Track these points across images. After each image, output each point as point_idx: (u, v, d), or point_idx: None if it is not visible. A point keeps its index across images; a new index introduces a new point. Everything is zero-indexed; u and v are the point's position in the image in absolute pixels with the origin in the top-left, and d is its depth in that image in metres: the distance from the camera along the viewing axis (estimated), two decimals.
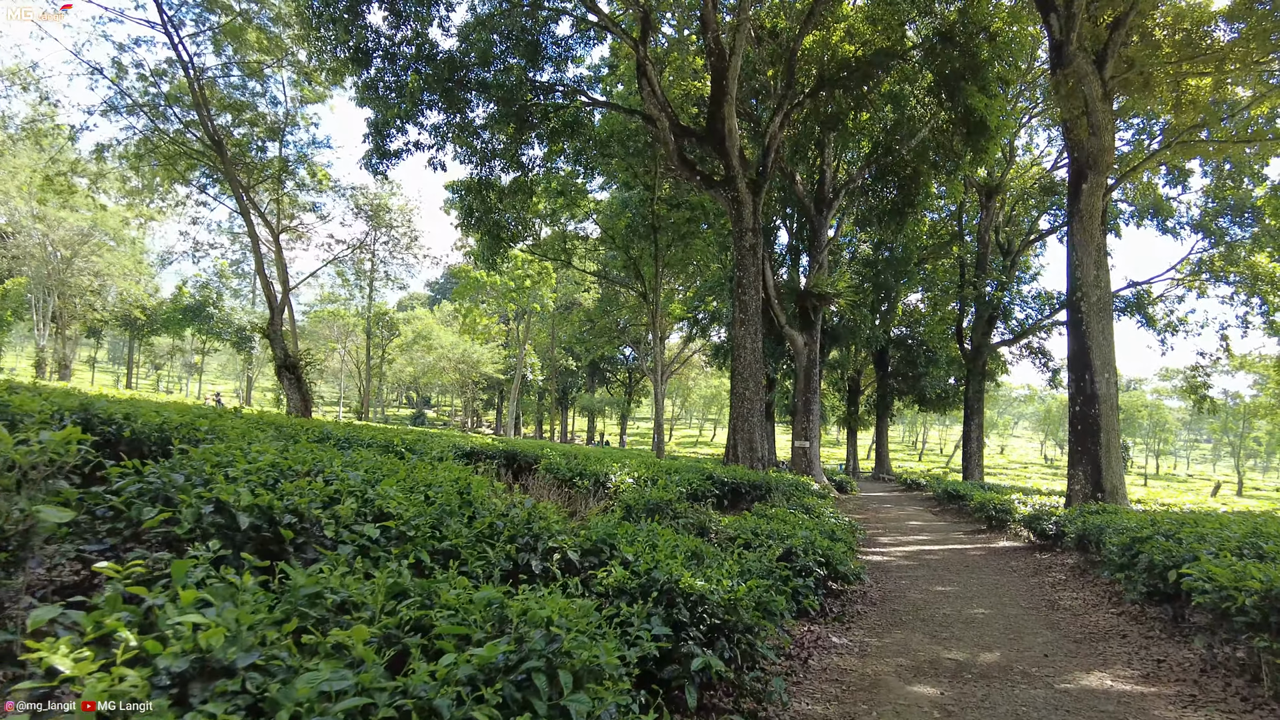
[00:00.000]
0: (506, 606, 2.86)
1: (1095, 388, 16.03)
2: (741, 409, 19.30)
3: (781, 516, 8.91)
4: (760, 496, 14.80)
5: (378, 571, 3.04)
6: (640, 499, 8.08)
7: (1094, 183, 16.14)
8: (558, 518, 5.12)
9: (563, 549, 4.68)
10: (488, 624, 2.81)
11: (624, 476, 9.67)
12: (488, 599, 2.85)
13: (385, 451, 8.03)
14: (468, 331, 57.59)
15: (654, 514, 8.12)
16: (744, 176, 19.38)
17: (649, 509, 8.05)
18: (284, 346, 20.32)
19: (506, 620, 2.89)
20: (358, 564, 3.14)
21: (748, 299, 19.39)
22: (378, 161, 20.52)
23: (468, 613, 2.83)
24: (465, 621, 2.78)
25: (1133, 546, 8.75)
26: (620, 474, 9.89)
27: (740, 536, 7.38)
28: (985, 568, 12.21)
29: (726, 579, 4.95)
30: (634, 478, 9.85)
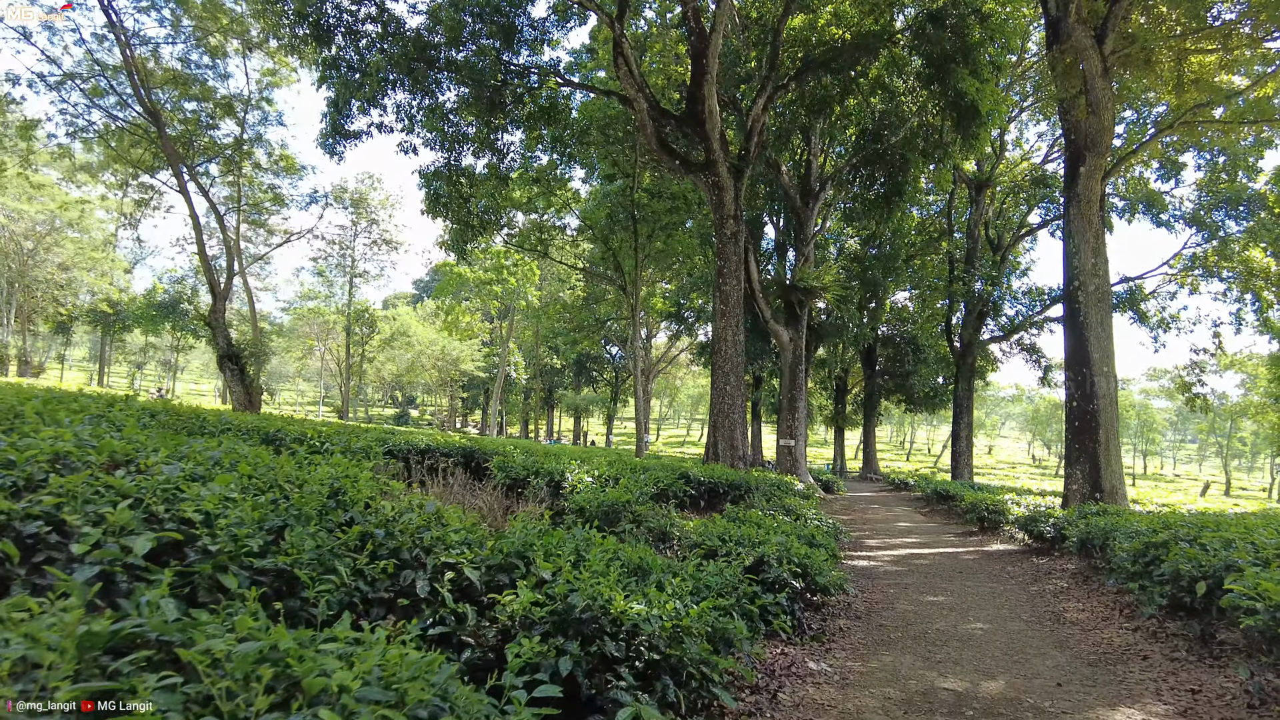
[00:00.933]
0: (285, 662, 1.86)
1: (1094, 382, 15.17)
2: (722, 405, 18.34)
3: (756, 519, 7.95)
4: (739, 497, 13.84)
5: (129, 602, 2.06)
6: (594, 501, 7.10)
7: (1092, 165, 15.28)
8: (463, 525, 4.11)
9: (460, 566, 3.67)
10: (251, 690, 1.80)
11: (582, 475, 8.69)
12: (251, 651, 1.84)
13: (269, 443, 6.98)
14: (450, 328, 56.37)
15: (610, 518, 7.13)
16: (725, 160, 18.41)
17: (604, 512, 7.06)
18: (226, 335, 19.20)
19: (294, 684, 1.89)
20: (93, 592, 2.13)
21: (729, 289, 18.43)
22: (335, 142, 19.42)
23: (232, 672, 1.83)
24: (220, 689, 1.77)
25: (1147, 552, 7.83)
26: (578, 473, 8.90)
27: (705, 543, 6.40)
28: (980, 574, 11.29)
29: (675, 600, 3.97)
30: (594, 476, 8.87)
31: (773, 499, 12.96)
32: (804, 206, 27.58)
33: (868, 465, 46.16)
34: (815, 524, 11.70)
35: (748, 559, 6.27)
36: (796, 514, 11.81)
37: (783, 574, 6.15)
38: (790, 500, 12.54)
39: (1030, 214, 36.75)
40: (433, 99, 20.74)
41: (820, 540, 7.96)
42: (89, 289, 50.99)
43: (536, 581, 3.75)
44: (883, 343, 43.08)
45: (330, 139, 19.55)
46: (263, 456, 4.51)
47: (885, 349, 43.19)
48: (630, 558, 4.56)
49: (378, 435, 11.15)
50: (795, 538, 7.36)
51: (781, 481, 16.69)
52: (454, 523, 4.06)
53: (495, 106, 20.77)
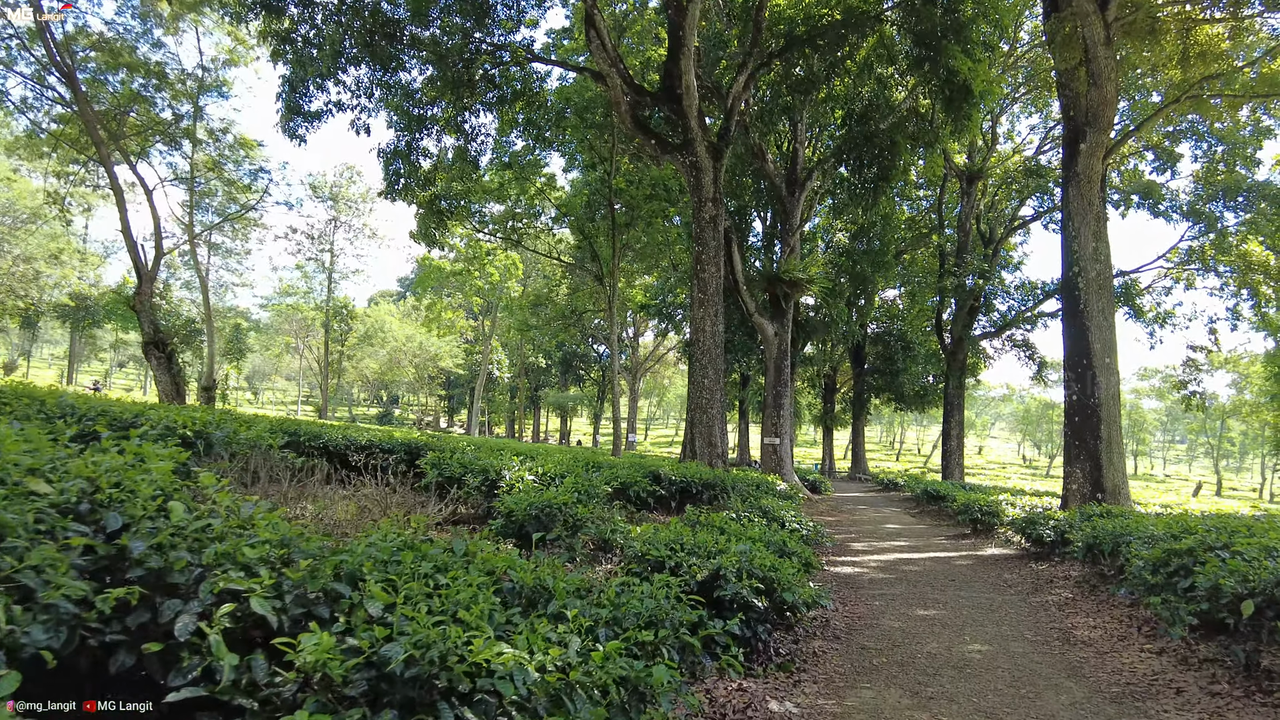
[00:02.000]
0: None
1: (1095, 375, 14.16)
2: (700, 399, 17.24)
3: (720, 524, 6.86)
4: (714, 498, 12.76)
5: None
6: (523, 503, 5.98)
7: (1093, 142, 14.26)
8: (275, 534, 2.98)
9: (248, 595, 2.55)
10: None
11: (522, 474, 7.57)
12: None
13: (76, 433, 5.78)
14: (431, 324, 55.06)
15: (542, 523, 6.02)
16: (703, 140, 17.31)
17: (534, 516, 5.95)
18: (152, 321, 17.90)
19: None
20: None
21: (707, 277, 17.33)
22: (295, 123, 18.24)
23: None
24: None
25: (1169, 561, 6.78)
26: (519, 470, 7.79)
27: (651, 554, 5.29)
28: (975, 582, 10.23)
29: (574, 639, 2.87)
30: (536, 475, 7.76)
31: (749, 500, 11.88)
32: (790, 196, 26.54)
33: (856, 465, 45.21)
34: (794, 526, 10.63)
35: (700, 573, 5.17)
36: (773, 516, 10.73)
37: (741, 591, 5.05)
38: (768, 501, 11.45)
39: (1023, 206, 35.86)
40: (394, 76, 19.59)
41: (793, 548, 6.87)
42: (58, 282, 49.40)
43: (365, 617, 2.64)
44: (872, 340, 42.16)
45: (289, 120, 18.37)
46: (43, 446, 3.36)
47: (874, 346, 42.26)
48: (524, 580, 3.44)
49: (276, 426, 9.99)
50: (762, 545, 6.26)
51: (762, 481, 15.62)
52: (263, 532, 2.93)
53: (462, 86, 19.64)
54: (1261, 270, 28.42)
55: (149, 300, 18.44)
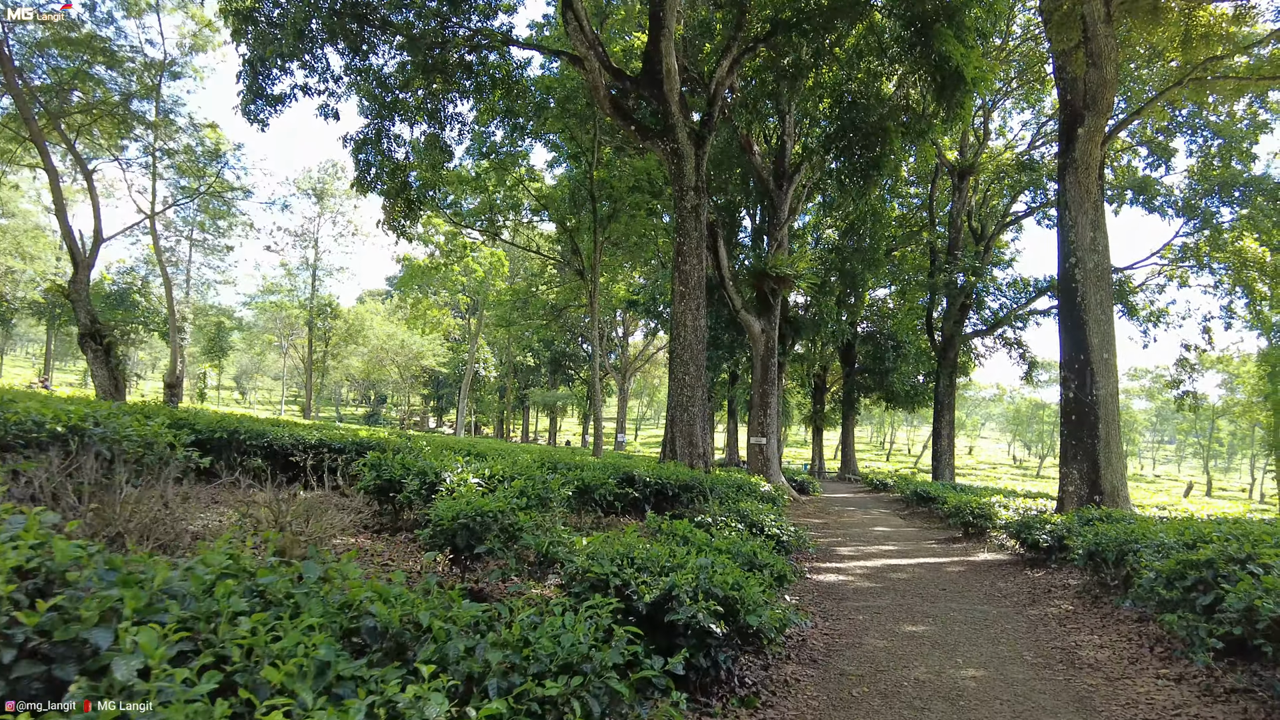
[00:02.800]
0: None
1: (1093, 371, 13.47)
2: (680, 397, 16.47)
3: (684, 531, 6.09)
4: (691, 501, 12.00)
5: None
6: (450, 513, 5.19)
7: (1092, 126, 13.57)
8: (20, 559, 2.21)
9: None
10: None
11: (465, 475, 6.79)
12: None
13: None
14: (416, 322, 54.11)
15: (475, 534, 5.24)
16: (685, 126, 16.55)
17: (464, 526, 5.17)
18: (89, 311, 16.92)
19: None
20: None
21: (689, 269, 16.57)
22: (258, 107, 17.37)
23: None
24: None
25: (1186, 575, 6.06)
26: (462, 471, 7.00)
27: (594, 570, 4.51)
28: (968, 592, 9.50)
29: (431, 702, 2.10)
30: (482, 477, 6.97)
31: (728, 503, 11.12)
32: (777, 190, 25.83)
33: (846, 465, 44.55)
34: (773, 532, 9.89)
35: (649, 593, 4.40)
36: (751, 521, 9.99)
37: (697, 615, 4.28)
38: (746, 505, 10.70)
39: (1015, 202, 35.22)
40: (365, 61, 18.76)
41: (764, 559, 6.10)
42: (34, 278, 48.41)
43: (110, 687, 1.86)
44: (862, 339, 41.51)
45: (250, 103, 17.49)
46: None
47: (864, 345, 41.61)
48: (387, 618, 2.65)
49: (185, 420, 9.17)
50: (727, 557, 5.49)
51: (745, 482, 14.86)
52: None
53: (436, 72, 18.83)
54: (1257, 267, 27.87)
55: (85, 289, 17.47)
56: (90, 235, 19.35)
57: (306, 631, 2.31)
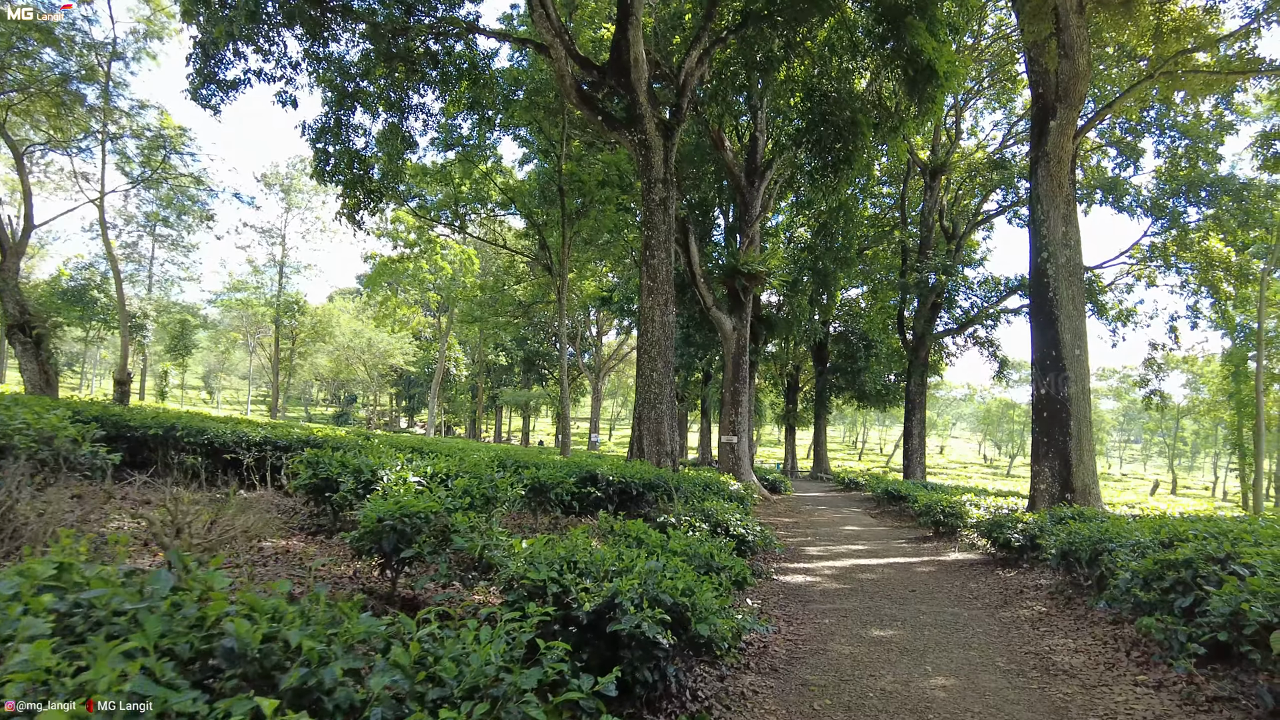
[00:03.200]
0: None
1: (1064, 366, 13.29)
2: (648, 394, 16.06)
3: (639, 532, 5.68)
4: (657, 500, 11.59)
5: None
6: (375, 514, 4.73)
7: (1064, 119, 13.39)
8: None
9: None
10: None
11: (404, 473, 6.30)
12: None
13: None
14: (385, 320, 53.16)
15: (403, 537, 4.78)
16: (653, 116, 16.14)
17: (390, 529, 4.71)
18: (18, 300, 16.06)
19: None
20: None
21: (657, 263, 16.16)
22: (210, 92, 16.68)
23: None
24: None
25: (1164, 575, 5.77)
26: (401, 469, 6.51)
27: (529, 576, 4.08)
28: (938, 593, 9.20)
29: None
30: (425, 474, 6.48)
31: (694, 502, 10.73)
32: (749, 187, 25.55)
33: (818, 465, 44.47)
34: (738, 532, 9.52)
35: (589, 601, 3.98)
36: (716, 521, 9.61)
37: (641, 624, 3.87)
38: (712, 504, 10.32)
39: (986, 201, 35.30)
40: (325, 48, 18.12)
41: (722, 561, 5.70)
42: None
43: None
44: (834, 339, 41.47)
45: (201, 87, 16.78)
46: None
47: (837, 345, 41.57)
48: (247, 637, 2.20)
49: (103, 414, 8.58)
50: (682, 560, 5.09)
51: (713, 481, 14.50)
52: None
53: (398, 59, 18.25)
54: (1222, 266, 28.12)
55: (14, 277, 16.60)
56: (21, 221, 18.42)
57: (127, 656, 1.86)
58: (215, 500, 8.28)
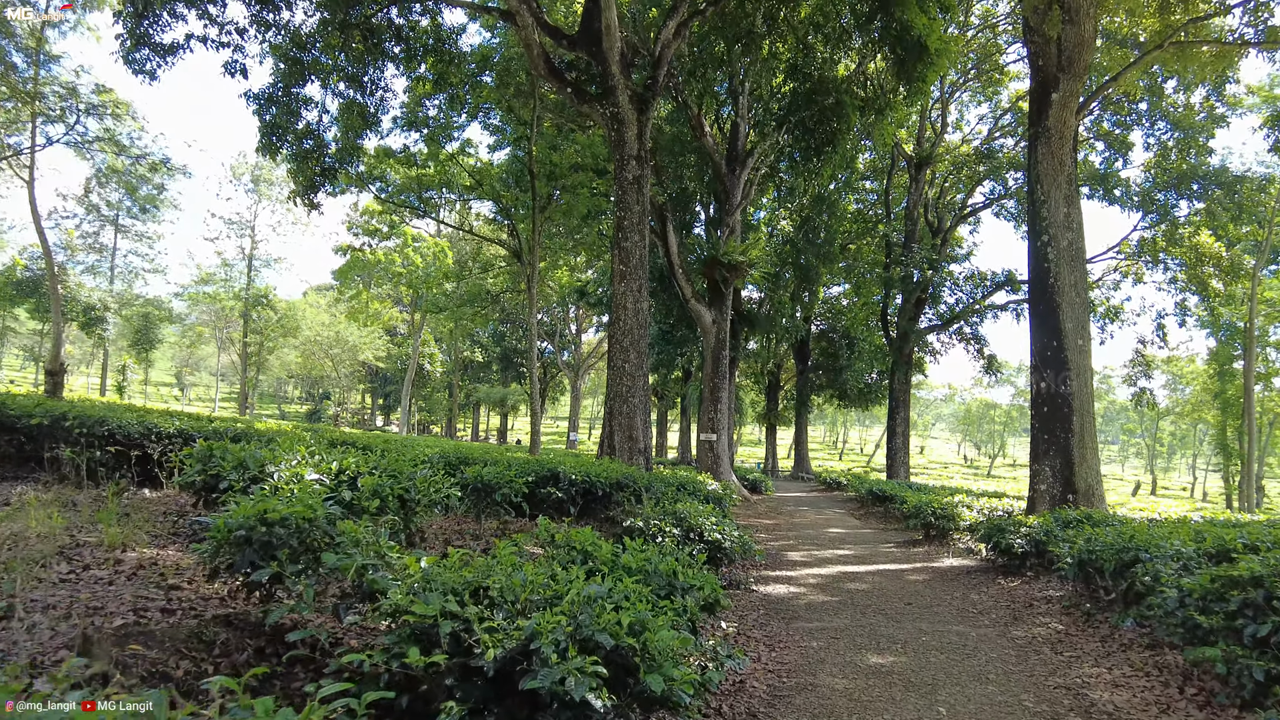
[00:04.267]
0: None
1: (1066, 358, 12.32)
2: (620, 387, 14.93)
3: (585, 543, 4.56)
4: (626, 501, 10.47)
5: None
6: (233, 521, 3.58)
7: (1067, 90, 12.44)
8: None
9: None
10: None
11: (301, 470, 5.11)
12: None
13: None
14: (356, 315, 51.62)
15: (264, 550, 3.62)
16: (626, 89, 15.01)
17: (248, 540, 3.56)
18: None
19: None
20: None
21: (630, 246, 15.03)
22: (143, 56, 15.31)
23: None
24: None
25: (1226, 596, 4.73)
26: (299, 465, 5.33)
27: (416, 612, 2.94)
28: (938, 606, 8.16)
29: None
30: (327, 473, 5.30)
31: (665, 503, 9.62)
32: (730, 174, 24.50)
33: (799, 464, 43.58)
34: (714, 536, 8.44)
35: (495, 646, 2.85)
36: (690, 525, 8.52)
37: (567, 678, 2.76)
38: (685, 506, 9.22)
39: (973, 194, 34.49)
40: (276, 15, 16.82)
41: (689, 579, 4.58)
42: None
43: None
44: (816, 337, 40.62)
45: (134, 51, 15.40)
46: None
47: (818, 343, 40.73)
48: None
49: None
50: (637, 579, 3.97)
51: (689, 481, 13.39)
52: None
53: (355, 29, 16.99)
54: (1213, 262, 27.45)
55: None
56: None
57: None
58: (98, 499, 7.06)
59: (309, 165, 16.94)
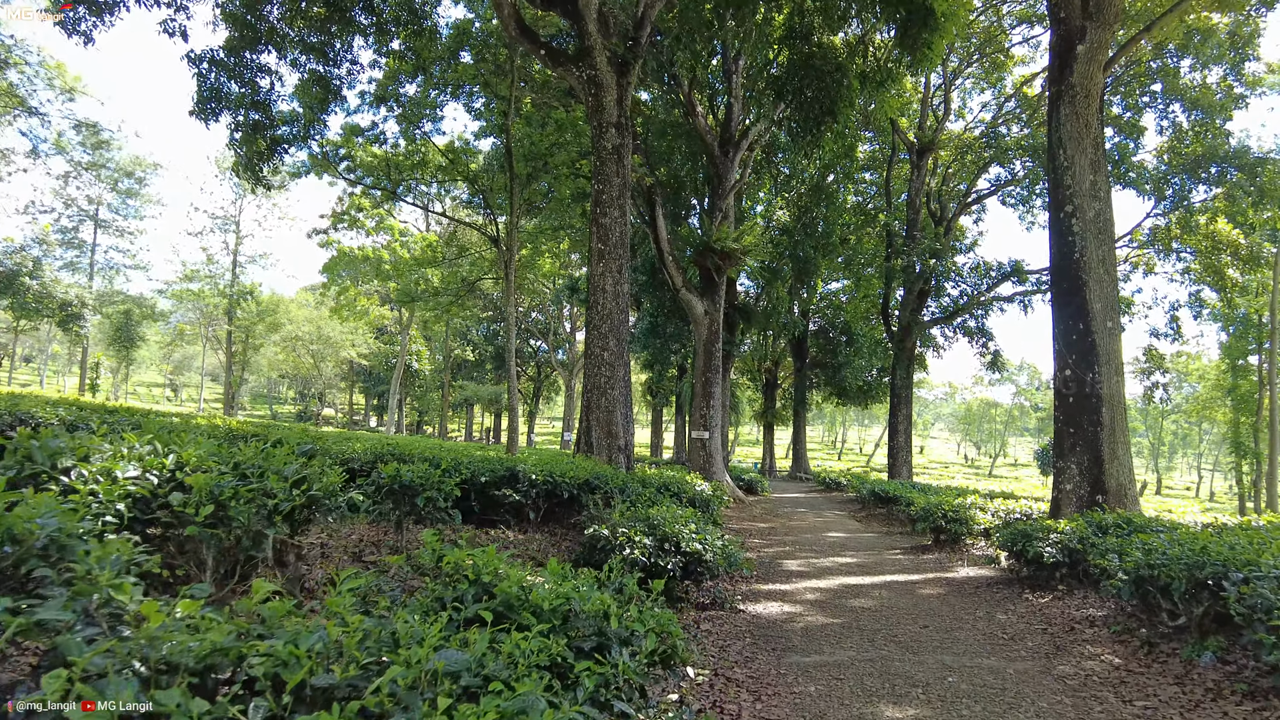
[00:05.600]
0: None
1: (1094, 342, 10.96)
2: (598, 378, 13.54)
3: (478, 569, 3.18)
4: (597, 503, 9.10)
5: None
6: None
7: (1094, 41, 11.09)
8: None
9: None
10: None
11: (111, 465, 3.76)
12: None
13: None
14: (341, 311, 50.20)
15: None
16: (605, 48, 13.65)
17: None
18: None
19: None
20: None
21: (609, 222, 13.66)
22: (77, 15, 13.93)
23: None
24: None
25: None
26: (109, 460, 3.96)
27: None
28: (960, 630, 6.79)
29: None
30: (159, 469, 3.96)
31: (640, 507, 8.26)
32: (723, 157, 23.16)
33: (797, 464, 42.21)
34: (694, 546, 7.06)
35: None
36: (664, 533, 7.16)
37: None
38: (661, 510, 7.86)
39: (978, 181, 33.12)
40: None
41: (634, 621, 3.19)
42: None
43: None
44: (814, 334, 39.31)
45: (68, 9, 14.03)
46: None
47: (816, 340, 39.40)
48: None
49: None
50: (544, 632, 2.59)
51: (673, 481, 12.03)
52: None
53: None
54: (1230, 250, 26.11)
55: None
56: None
57: None
58: None
59: (255, 136, 15.51)
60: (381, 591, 3.10)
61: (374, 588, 3.11)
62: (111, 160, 53.48)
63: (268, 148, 15.88)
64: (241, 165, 15.97)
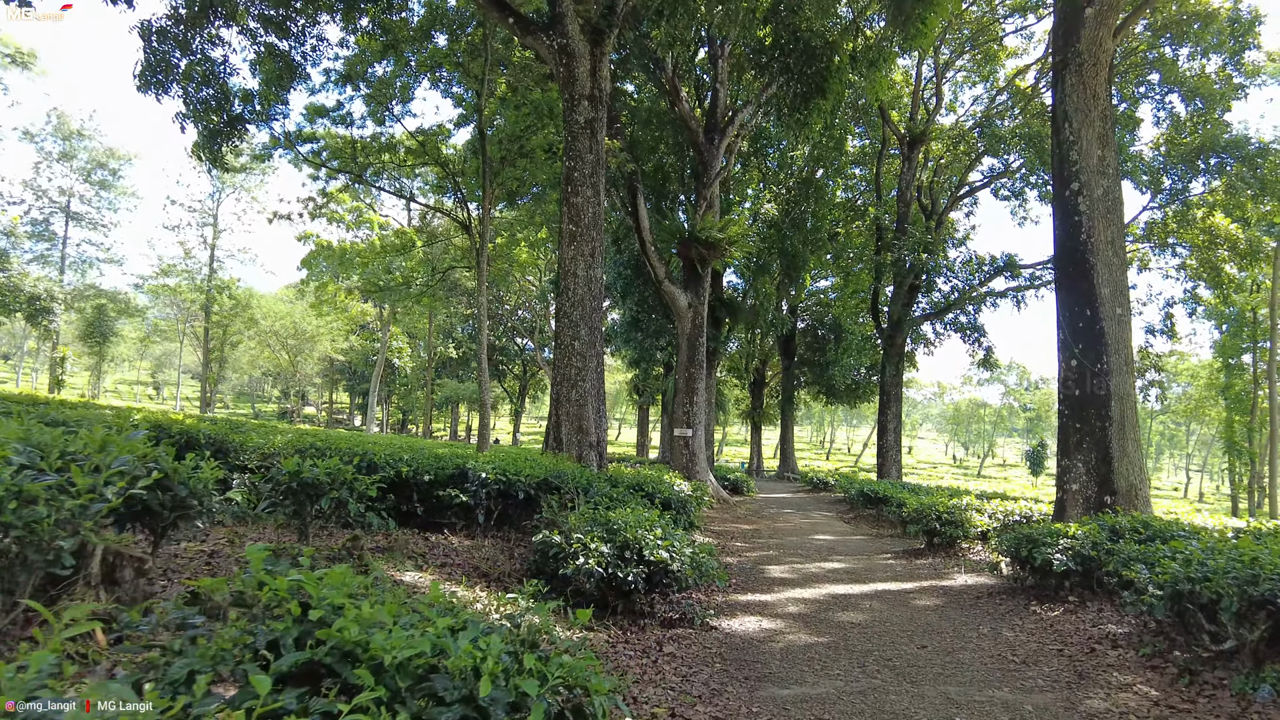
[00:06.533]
0: None
1: (1103, 330, 10.11)
2: (568, 369, 12.59)
3: (336, 592, 2.32)
4: (550, 506, 8.16)
5: None
6: None
7: (1103, 3, 10.24)
8: None
9: None
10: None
11: None
12: None
13: None
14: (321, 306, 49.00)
15: None
16: (577, 15, 12.72)
17: None
18: None
19: None
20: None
21: (581, 202, 12.72)
22: None
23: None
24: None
25: None
26: None
27: None
28: (963, 653, 5.89)
29: None
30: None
31: (600, 510, 7.33)
32: (708, 144, 22.23)
33: (785, 464, 41.41)
34: (659, 555, 6.14)
35: None
36: (625, 540, 6.23)
37: None
38: (626, 513, 6.94)
39: (969, 173, 32.37)
40: None
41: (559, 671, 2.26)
42: None
43: None
44: (802, 332, 38.52)
45: None
46: None
47: (805, 337, 38.60)
48: None
49: None
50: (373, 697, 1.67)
51: (648, 481, 11.11)
52: None
53: None
54: (1228, 244, 25.42)
55: None
56: None
57: None
58: None
59: (209, 113, 14.46)
60: (141, 632, 2.16)
61: (134, 630, 2.17)
62: (84, 150, 52.23)
63: (226, 126, 14.80)
64: (201, 145, 14.89)
